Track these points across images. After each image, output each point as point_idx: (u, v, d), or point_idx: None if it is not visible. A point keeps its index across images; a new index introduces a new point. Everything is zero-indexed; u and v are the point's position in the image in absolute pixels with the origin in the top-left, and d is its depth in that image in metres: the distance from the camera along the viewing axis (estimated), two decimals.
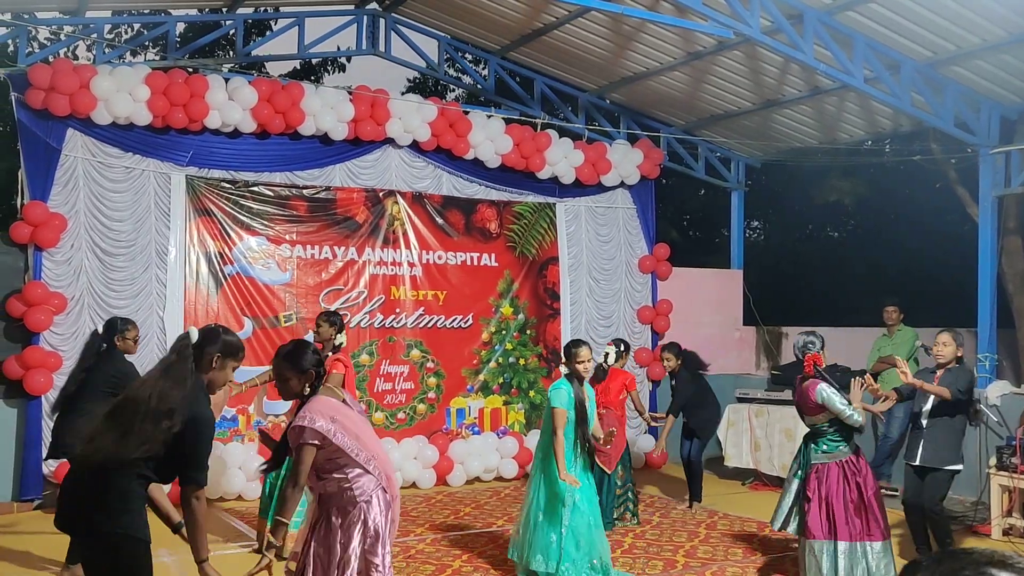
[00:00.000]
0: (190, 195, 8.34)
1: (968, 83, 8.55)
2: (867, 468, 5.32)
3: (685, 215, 18.10)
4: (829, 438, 5.28)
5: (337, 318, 6.54)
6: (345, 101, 8.74)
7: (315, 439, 3.64)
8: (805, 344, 5.36)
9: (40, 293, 7.53)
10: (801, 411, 5.41)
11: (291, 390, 3.77)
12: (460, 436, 9.29)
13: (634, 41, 9.27)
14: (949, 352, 5.95)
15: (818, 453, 5.30)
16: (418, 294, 9.32)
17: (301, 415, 3.68)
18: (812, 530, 5.22)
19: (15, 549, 6.33)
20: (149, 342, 8.04)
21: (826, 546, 5.16)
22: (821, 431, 5.29)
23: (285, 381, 3.75)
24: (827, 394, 5.16)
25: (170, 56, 9.31)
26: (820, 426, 5.29)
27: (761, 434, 8.80)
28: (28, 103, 7.60)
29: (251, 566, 3.65)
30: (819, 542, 5.17)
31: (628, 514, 7.31)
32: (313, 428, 3.63)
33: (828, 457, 5.26)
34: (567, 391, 5.44)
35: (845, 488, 5.19)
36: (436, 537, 6.83)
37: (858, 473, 5.24)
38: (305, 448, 3.64)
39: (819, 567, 5.15)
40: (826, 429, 5.27)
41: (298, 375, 3.73)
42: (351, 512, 3.72)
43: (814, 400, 5.19)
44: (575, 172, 9.97)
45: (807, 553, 5.27)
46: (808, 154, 11.50)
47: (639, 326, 10.52)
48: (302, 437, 3.64)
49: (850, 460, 5.26)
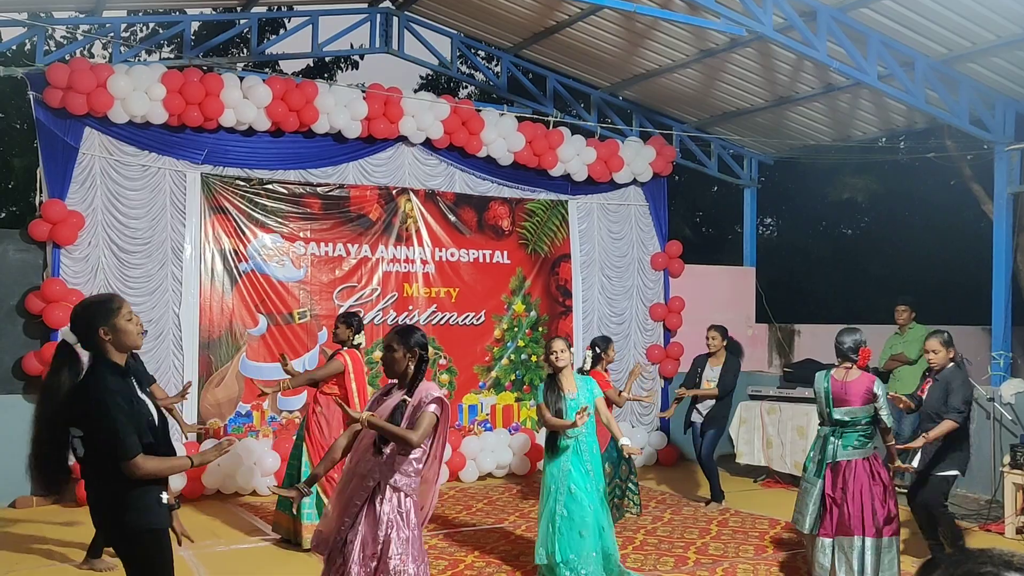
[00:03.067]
0: (205, 193, 8.42)
1: (983, 80, 8.51)
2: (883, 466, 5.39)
3: (698, 212, 18.07)
4: (861, 434, 5.32)
5: (355, 319, 6.58)
6: (359, 99, 8.79)
7: (440, 413, 3.86)
8: (859, 338, 5.45)
9: (58, 290, 7.63)
10: (836, 402, 5.39)
11: (395, 362, 3.98)
12: (472, 432, 9.34)
13: (646, 39, 9.28)
14: (941, 358, 5.94)
15: (847, 449, 5.30)
16: (431, 291, 9.37)
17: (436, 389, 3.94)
18: (834, 529, 5.24)
19: (35, 542, 6.43)
20: (165, 339, 8.13)
21: (848, 542, 5.20)
22: (856, 423, 5.30)
23: (392, 352, 3.96)
24: (883, 390, 5.31)
25: (185, 55, 9.39)
26: (858, 419, 5.30)
27: (773, 431, 8.81)
28: (46, 102, 7.69)
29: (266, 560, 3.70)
30: (843, 539, 5.21)
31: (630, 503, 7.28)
32: (444, 401, 3.89)
33: (857, 453, 5.29)
34: (540, 389, 5.73)
35: (871, 484, 5.24)
36: (448, 532, 6.88)
37: (882, 470, 5.33)
38: (430, 416, 3.83)
39: (848, 563, 5.18)
40: (863, 424, 5.30)
41: (404, 350, 3.94)
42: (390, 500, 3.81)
43: (871, 391, 5.27)
44: (587, 169, 9.98)
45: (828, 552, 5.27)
46: (821, 151, 11.47)
47: (651, 323, 10.54)
48: (434, 404, 3.85)
49: (875, 457, 5.34)
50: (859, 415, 5.33)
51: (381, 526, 3.76)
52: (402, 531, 3.79)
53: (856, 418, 5.33)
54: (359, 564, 3.74)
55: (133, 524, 3.32)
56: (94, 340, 3.34)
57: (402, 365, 3.96)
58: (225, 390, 8.42)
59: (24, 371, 7.66)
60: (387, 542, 3.75)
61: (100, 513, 3.41)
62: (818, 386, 5.49)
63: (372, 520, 3.79)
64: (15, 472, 7.52)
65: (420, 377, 3.96)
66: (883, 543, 5.22)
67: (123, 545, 3.39)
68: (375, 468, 3.83)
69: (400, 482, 3.82)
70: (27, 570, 5.81)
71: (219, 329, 8.42)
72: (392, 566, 3.73)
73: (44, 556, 6.11)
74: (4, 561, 5.99)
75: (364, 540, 3.77)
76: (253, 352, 8.54)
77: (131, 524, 3.32)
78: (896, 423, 8.33)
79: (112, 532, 3.41)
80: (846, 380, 5.38)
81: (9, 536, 6.62)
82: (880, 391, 5.30)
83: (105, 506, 3.36)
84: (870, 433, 5.36)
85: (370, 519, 3.79)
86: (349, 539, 3.80)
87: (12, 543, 6.41)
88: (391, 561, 3.73)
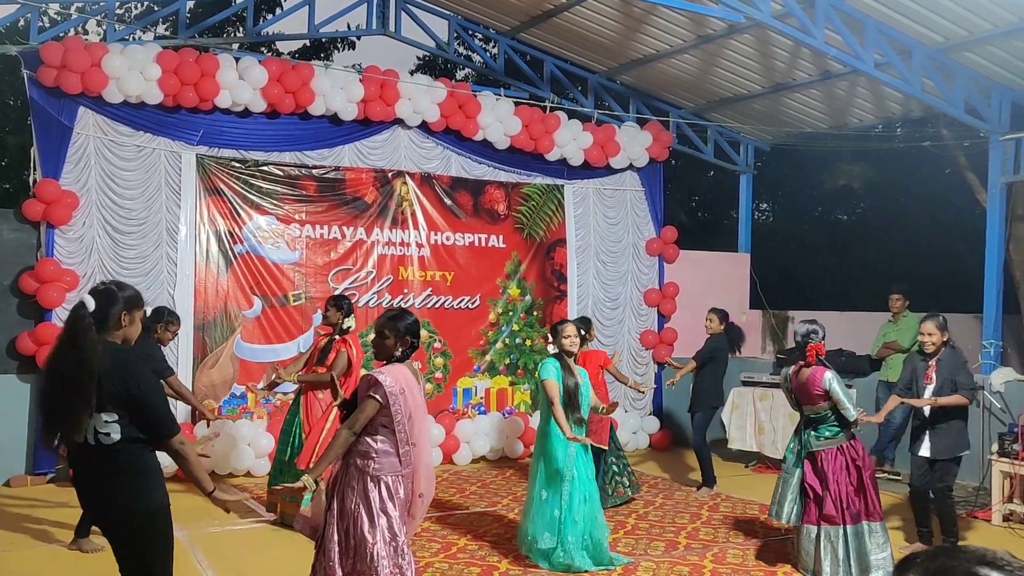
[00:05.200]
0: (200, 174, 8.40)
1: (980, 69, 8.51)
2: (863, 451, 5.46)
3: (693, 196, 18.07)
4: (830, 424, 5.37)
5: (345, 302, 6.60)
6: (355, 81, 8.76)
7: (381, 397, 3.86)
8: (808, 332, 5.42)
9: (52, 270, 7.62)
10: (799, 400, 5.47)
11: (386, 348, 4.04)
12: (466, 416, 9.38)
13: (644, 23, 9.25)
14: (936, 340, 5.97)
15: (820, 440, 5.38)
16: (426, 275, 9.38)
17: (380, 371, 3.93)
18: (818, 516, 5.31)
19: (28, 522, 6.46)
20: None
21: (833, 531, 5.27)
22: (823, 418, 5.38)
23: (383, 338, 4.03)
24: (835, 383, 5.29)
25: (181, 34, 9.33)
26: (822, 413, 5.37)
27: (765, 418, 8.86)
28: (40, 81, 7.65)
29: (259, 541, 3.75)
30: (829, 528, 5.27)
31: (622, 488, 7.35)
32: (384, 386, 3.86)
33: (829, 443, 5.36)
34: (554, 365, 5.61)
35: (847, 472, 5.30)
36: (442, 515, 6.92)
37: (857, 457, 5.38)
38: (370, 401, 3.86)
39: (834, 551, 5.25)
40: (828, 416, 5.36)
41: (395, 335, 4.01)
42: (358, 481, 3.88)
43: (821, 387, 5.27)
44: (584, 154, 9.98)
45: (812, 539, 5.34)
46: (818, 138, 11.47)
47: (645, 309, 10.57)
48: (372, 389, 3.87)
49: (850, 445, 5.38)
50: (821, 410, 5.37)
51: (347, 507, 3.89)
52: (371, 514, 3.85)
53: (820, 413, 5.38)
54: (335, 544, 3.88)
55: (154, 502, 3.34)
56: (115, 319, 3.36)
57: (393, 351, 4.03)
58: (220, 371, 8.44)
59: (18, 351, 7.66)
60: (356, 523, 3.85)
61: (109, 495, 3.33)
62: (783, 385, 5.57)
63: (341, 504, 3.91)
64: (10, 450, 7.58)
65: (401, 359, 4.04)
66: (863, 528, 5.30)
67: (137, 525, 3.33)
68: (349, 451, 3.95)
69: (367, 466, 3.90)
70: (19, 550, 5.83)
71: (214, 311, 8.43)
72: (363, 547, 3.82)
73: (36, 536, 6.13)
74: None
75: (336, 524, 3.90)
76: (248, 334, 8.55)
77: (152, 502, 3.34)
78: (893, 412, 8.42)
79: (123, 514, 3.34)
80: (801, 379, 5.42)
81: (2, 515, 6.64)
82: (831, 386, 5.27)
83: (120, 488, 3.31)
84: (840, 423, 5.38)
85: (339, 503, 3.92)
86: (328, 521, 3.94)
87: (5, 522, 6.44)
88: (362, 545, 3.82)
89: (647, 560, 5.79)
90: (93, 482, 3.36)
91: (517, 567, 5.59)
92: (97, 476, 3.33)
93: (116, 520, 3.38)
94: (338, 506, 3.92)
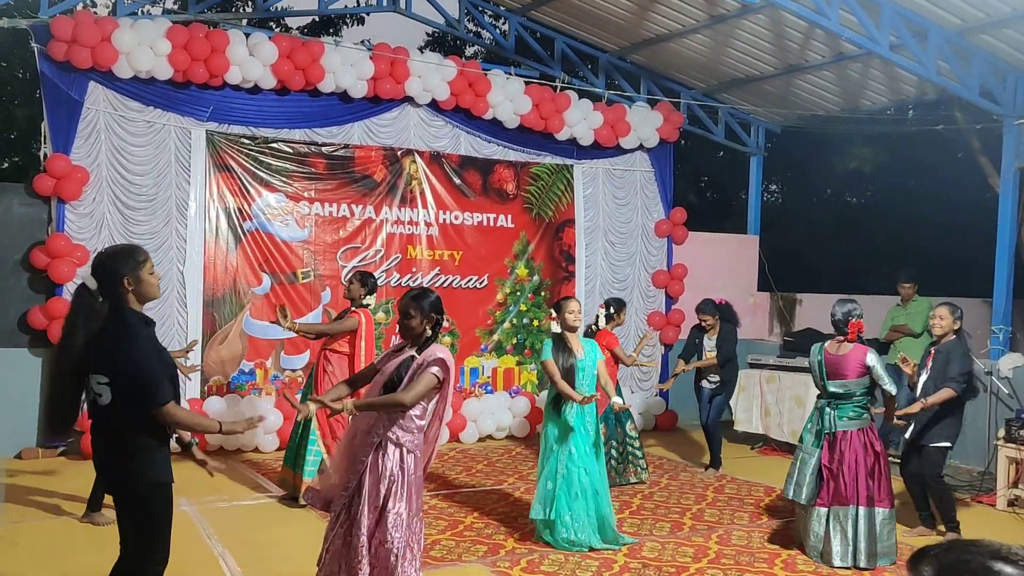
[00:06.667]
0: (210, 150, 8.39)
1: (996, 52, 8.41)
2: (878, 437, 5.47)
3: (703, 177, 17.99)
4: (856, 404, 5.40)
5: (370, 279, 6.58)
6: (365, 59, 8.72)
7: (443, 374, 3.89)
8: (849, 311, 5.46)
9: (63, 245, 7.65)
10: (831, 375, 5.44)
11: (412, 328, 4.01)
12: (473, 395, 9.41)
13: (657, 2, 9.16)
14: (946, 324, 6.00)
15: (843, 420, 5.39)
16: (434, 254, 9.38)
17: (441, 350, 3.93)
18: (830, 498, 5.33)
19: (40, 494, 6.53)
20: (169, 296, 8.15)
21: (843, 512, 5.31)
22: (851, 396, 5.38)
23: (409, 319, 3.99)
24: (878, 361, 5.36)
25: (190, 9, 9.28)
26: (852, 391, 5.37)
27: (772, 400, 8.88)
28: (51, 55, 7.63)
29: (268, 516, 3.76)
30: (839, 508, 5.31)
31: (636, 469, 7.40)
32: (448, 364, 3.89)
33: (853, 424, 5.38)
34: (547, 346, 5.80)
35: (864, 454, 5.33)
36: (449, 493, 6.97)
37: (876, 442, 5.42)
38: (430, 376, 3.87)
39: (843, 532, 5.29)
40: (857, 395, 5.38)
41: (421, 316, 3.98)
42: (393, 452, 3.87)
43: (863, 364, 5.34)
44: (594, 134, 9.93)
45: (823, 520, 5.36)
46: (829, 120, 11.38)
47: (653, 290, 10.56)
48: (437, 367, 3.88)
49: (870, 428, 5.42)
50: (853, 388, 5.40)
51: (384, 480, 3.85)
52: (403, 486, 3.86)
53: (850, 390, 5.41)
54: (367, 517, 3.83)
55: (146, 476, 3.37)
56: (117, 289, 3.36)
57: (420, 331, 4.01)
58: (228, 348, 8.48)
59: (29, 325, 7.71)
60: (388, 495, 3.84)
61: (110, 464, 3.45)
62: (812, 359, 5.57)
63: (376, 475, 3.87)
64: (21, 424, 7.64)
65: (434, 339, 4.03)
66: (876, 513, 5.33)
67: (129, 496, 3.41)
68: (378, 424, 3.92)
69: (403, 438, 3.90)
70: (31, 522, 5.90)
71: (223, 287, 8.45)
72: (391, 520, 3.82)
73: (48, 509, 6.20)
74: (9, 512, 6.09)
75: (369, 494, 3.86)
76: (257, 311, 8.58)
77: (144, 476, 3.37)
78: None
79: (120, 483, 3.43)
80: (839, 353, 5.45)
81: (14, 488, 6.72)
82: (873, 362, 5.37)
83: (116, 456, 3.39)
84: (865, 404, 5.44)
85: (374, 474, 3.88)
86: (355, 495, 3.89)
87: (17, 495, 6.51)
88: (389, 515, 3.82)
89: (652, 540, 5.83)
90: (95, 440, 3.48)
91: (523, 545, 5.63)
92: (97, 434, 3.46)
93: (114, 479, 3.47)
94: (372, 477, 3.87)
